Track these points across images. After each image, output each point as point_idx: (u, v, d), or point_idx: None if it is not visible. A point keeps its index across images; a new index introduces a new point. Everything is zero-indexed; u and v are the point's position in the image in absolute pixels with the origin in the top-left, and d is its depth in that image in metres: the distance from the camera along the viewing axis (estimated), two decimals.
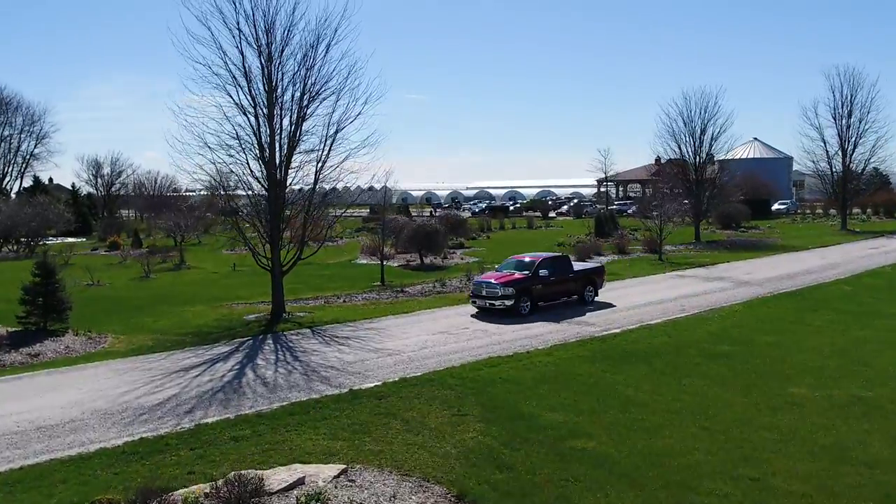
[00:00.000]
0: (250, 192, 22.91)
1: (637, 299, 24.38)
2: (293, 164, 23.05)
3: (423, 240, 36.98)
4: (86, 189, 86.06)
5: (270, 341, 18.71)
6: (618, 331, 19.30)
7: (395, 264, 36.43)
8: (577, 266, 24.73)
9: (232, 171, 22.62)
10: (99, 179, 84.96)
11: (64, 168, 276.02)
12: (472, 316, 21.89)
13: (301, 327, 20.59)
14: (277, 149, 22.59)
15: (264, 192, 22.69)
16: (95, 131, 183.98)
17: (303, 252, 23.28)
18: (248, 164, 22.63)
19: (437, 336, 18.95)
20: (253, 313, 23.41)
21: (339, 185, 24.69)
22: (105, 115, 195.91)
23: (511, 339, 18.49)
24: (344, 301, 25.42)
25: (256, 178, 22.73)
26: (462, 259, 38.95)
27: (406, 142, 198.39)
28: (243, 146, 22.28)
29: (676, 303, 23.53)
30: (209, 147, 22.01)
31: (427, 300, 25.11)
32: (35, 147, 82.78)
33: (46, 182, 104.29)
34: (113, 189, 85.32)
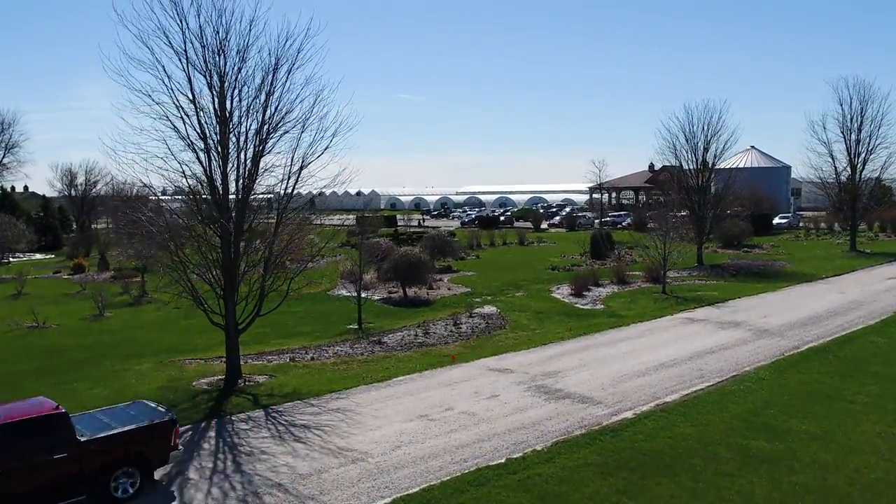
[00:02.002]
0: (201, 241, 19.66)
1: (646, 357, 21.38)
2: (250, 207, 19.96)
3: (406, 270, 33.86)
4: (59, 199, 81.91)
5: (213, 435, 15.45)
6: (630, 415, 16.28)
7: (377, 297, 33.44)
8: (99, 426, 12.42)
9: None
10: (73, 190, 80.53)
11: (38, 178, 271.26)
12: None
13: (255, 405, 17.40)
14: (232, 190, 19.51)
15: (217, 238, 19.54)
16: (90, 131, 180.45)
17: (262, 307, 20.14)
18: (198, 208, 19.60)
19: (415, 424, 15.83)
20: (205, 376, 20.33)
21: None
22: (99, 115, 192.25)
23: None
24: (312, 357, 22.32)
25: (209, 224, 19.64)
26: (449, 289, 35.98)
27: (398, 142, 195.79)
28: (192, 189, 19.20)
29: (692, 364, 20.51)
30: (154, 192, 19.01)
31: (406, 358, 21.96)
32: (3, 157, 78.46)
33: (21, 191, 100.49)
34: (87, 197, 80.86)
